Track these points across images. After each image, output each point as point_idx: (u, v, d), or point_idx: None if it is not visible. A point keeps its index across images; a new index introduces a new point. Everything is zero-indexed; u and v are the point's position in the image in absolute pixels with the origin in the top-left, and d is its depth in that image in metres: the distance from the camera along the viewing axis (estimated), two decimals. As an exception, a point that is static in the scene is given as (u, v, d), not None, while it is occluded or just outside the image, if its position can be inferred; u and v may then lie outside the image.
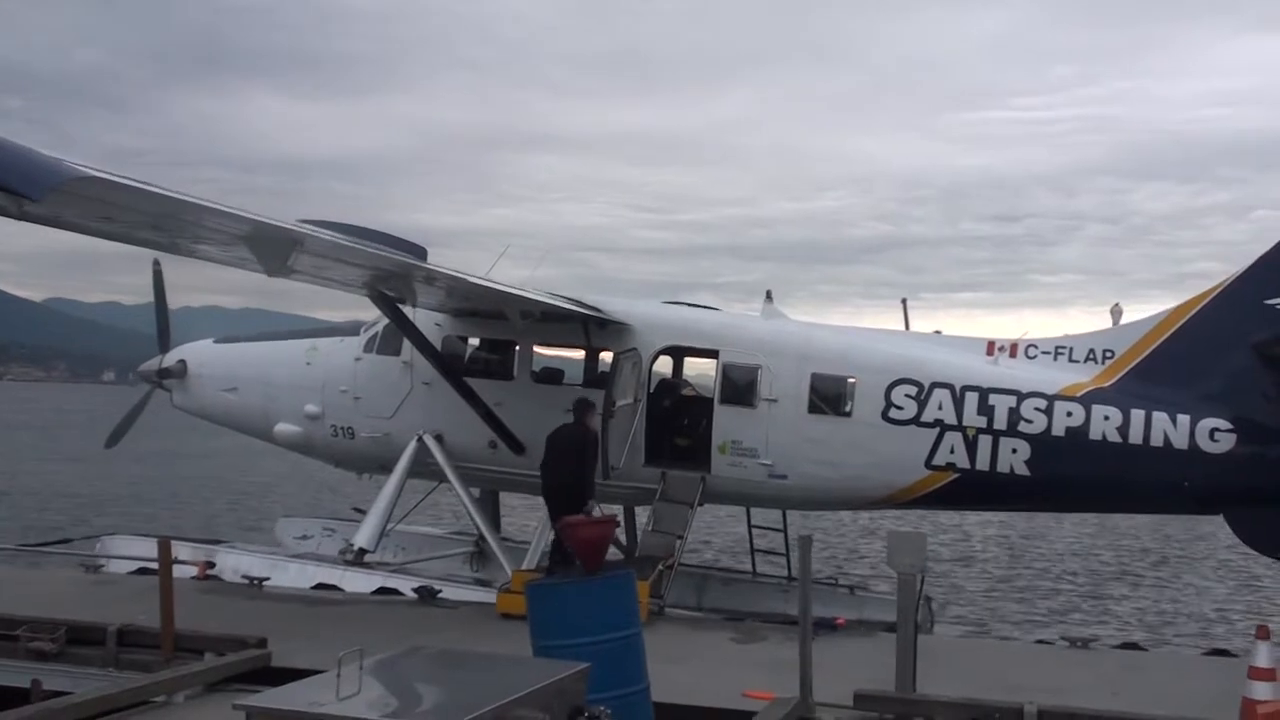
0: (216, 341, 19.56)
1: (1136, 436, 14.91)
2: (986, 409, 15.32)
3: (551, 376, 17.39)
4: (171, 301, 19.67)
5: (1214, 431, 14.76)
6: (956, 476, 15.41)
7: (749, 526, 19.20)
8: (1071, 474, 15.15)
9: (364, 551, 16.05)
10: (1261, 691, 9.35)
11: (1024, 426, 15.19)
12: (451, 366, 16.60)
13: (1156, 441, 14.85)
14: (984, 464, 15.29)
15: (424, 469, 16.93)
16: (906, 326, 18.29)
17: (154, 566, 12.15)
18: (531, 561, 16.18)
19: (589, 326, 16.55)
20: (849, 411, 15.86)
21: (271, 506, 33.66)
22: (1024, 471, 15.21)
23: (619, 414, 15.53)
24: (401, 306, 15.70)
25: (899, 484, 15.69)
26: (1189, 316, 15.41)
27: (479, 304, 16.15)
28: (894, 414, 15.60)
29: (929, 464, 15.47)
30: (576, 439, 14.43)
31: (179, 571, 12.32)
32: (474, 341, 17.80)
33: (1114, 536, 34.89)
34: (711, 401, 16.30)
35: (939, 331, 17.64)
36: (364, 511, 17.07)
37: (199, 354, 19.12)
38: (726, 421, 16.05)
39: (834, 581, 19.24)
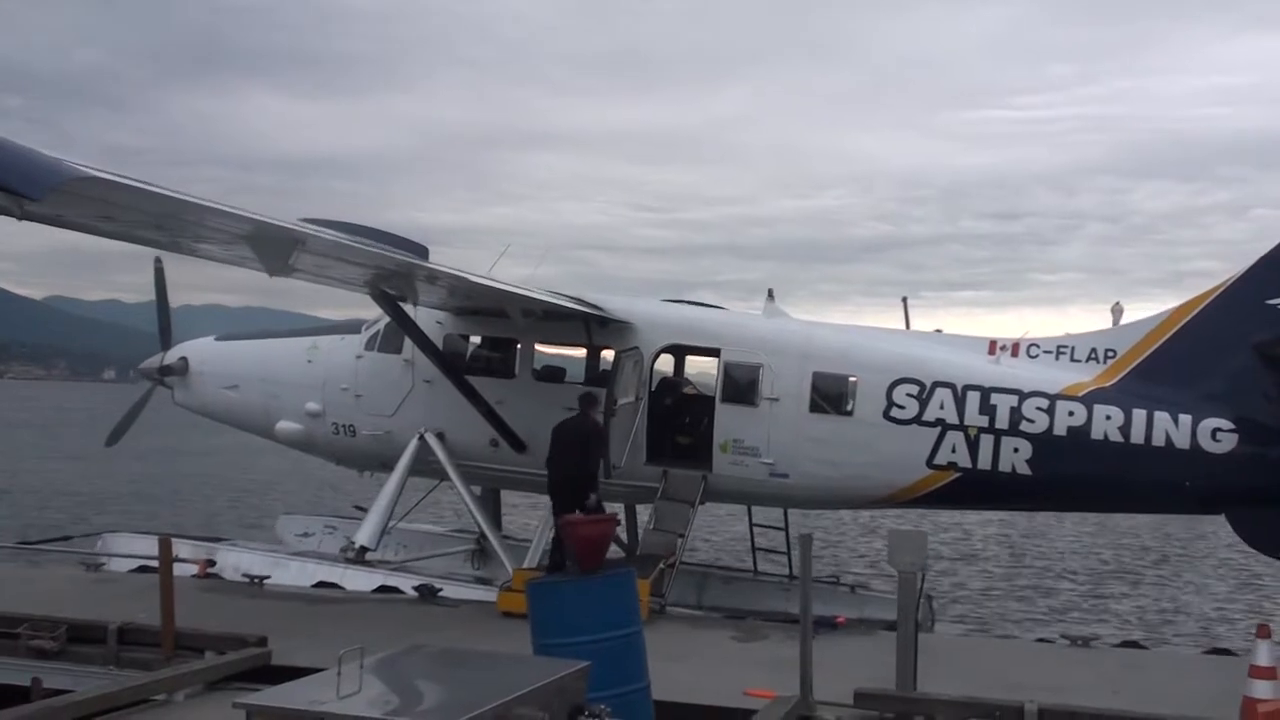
0: (218, 339, 19.58)
1: (1138, 436, 14.90)
2: (988, 408, 15.31)
3: (553, 375, 17.38)
4: (172, 299, 19.69)
5: (1216, 431, 14.76)
6: (958, 476, 15.41)
7: (750, 525, 19.21)
8: (1073, 474, 15.14)
9: (365, 549, 16.07)
10: (1262, 690, 9.35)
11: (1026, 426, 15.18)
12: (453, 364, 16.61)
13: (1158, 441, 14.84)
14: (985, 463, 15.29)
15: (425, 467, 16.94)
16: (907, 325, 18.30)
17: (154, 565, 12.15)
18: (533, 560, 16.17)
19: (590, 325, 16.55)
20: (850, 410, 15.86)
21: (272, 504, 33.66)
22: (1025, 471, 15.20)
23: (621, 412, 15.53)
24: (403, 305, 15.70)
25: (900, 483, 15.69)
26: (1190, 316, 15.40)
27: (481, 302, 16.14)
28: (895, 413, 15.59)
29: (930, 463, 15.46)
30: (581, 432, 14.39)
31: (179, 570, 12.33)
32: (475, 340, 17.81)
33: (1114, 535, 34.86)
34: (713, 400, 16.31)
35: (939, 330, 17.65)
36: (365, 509, 17.09)
37: (201, 351, 19.14)
38: (728, 420, 16.05)
39: (835, 580, 19.26)
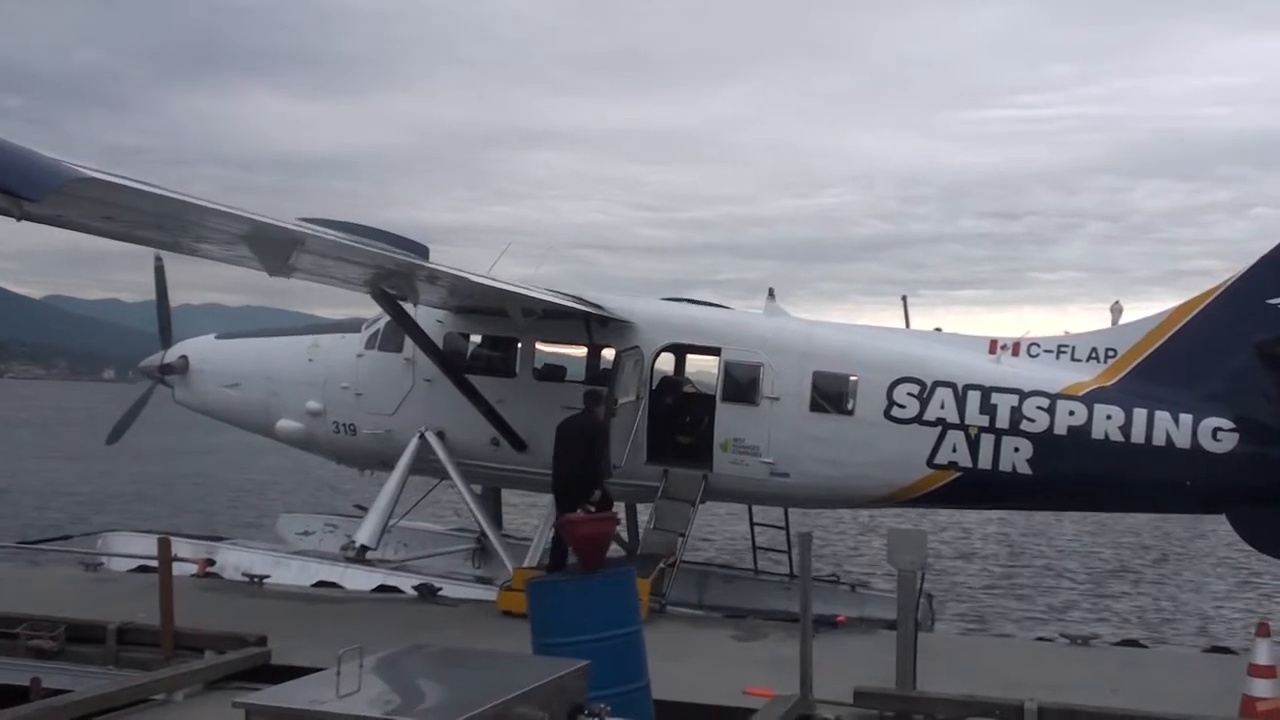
0: (218, 337, 19.57)
1: (1139, 436, 14.88)
2: (989, 408, 15.29)
3: (553, 374, 17.38)
4: (172, 299, 19.69)
5: (1216, 431, 14.74)
6: (958, 475, 15.39)
7: (750, 524, 19.21)
8: (1074, 473, 15.12)
9: (366, 548, 16.05)
10: (1261, 689, 9.37)
11: (1026, 425, 15.16)
12: (453, 363, 16.59)
13: (1159, 441, 14.82)
14: (986, 463, 15.27)
15: (426, 466, 16.93)
16: (907, 323, 18.29)
17: (154, 564, 12.14)
18: (533, 559, 16.14)
19: (591, 324, 16.54)
20: (851, 410, 15.84)
21: (272, 503, 33.66)
22: (1026, 470, 15.18)
23: (621, 412, 15.53)
24: (403, 304, 15.69)
25: (901, 482, 15.68)
26: (1191, 316, 15.38)
27: (481, 302, 16.13)
28: (896, 412, 15.57)
29: (931, 463, 15.44)
30: (586, 428, 14.30)
31: (179, 569, 12.32)
32: (476, 338, 17.81)
33: (1114, 534, 34.85)
34: (713, 399, 16.29)
35: (939, 329, 17.64)
36: (365, 508, 17.08)
37: (201, 350, 19.13)
38: (728, 419, 16.03)
39: (835, 579, 19.25)
